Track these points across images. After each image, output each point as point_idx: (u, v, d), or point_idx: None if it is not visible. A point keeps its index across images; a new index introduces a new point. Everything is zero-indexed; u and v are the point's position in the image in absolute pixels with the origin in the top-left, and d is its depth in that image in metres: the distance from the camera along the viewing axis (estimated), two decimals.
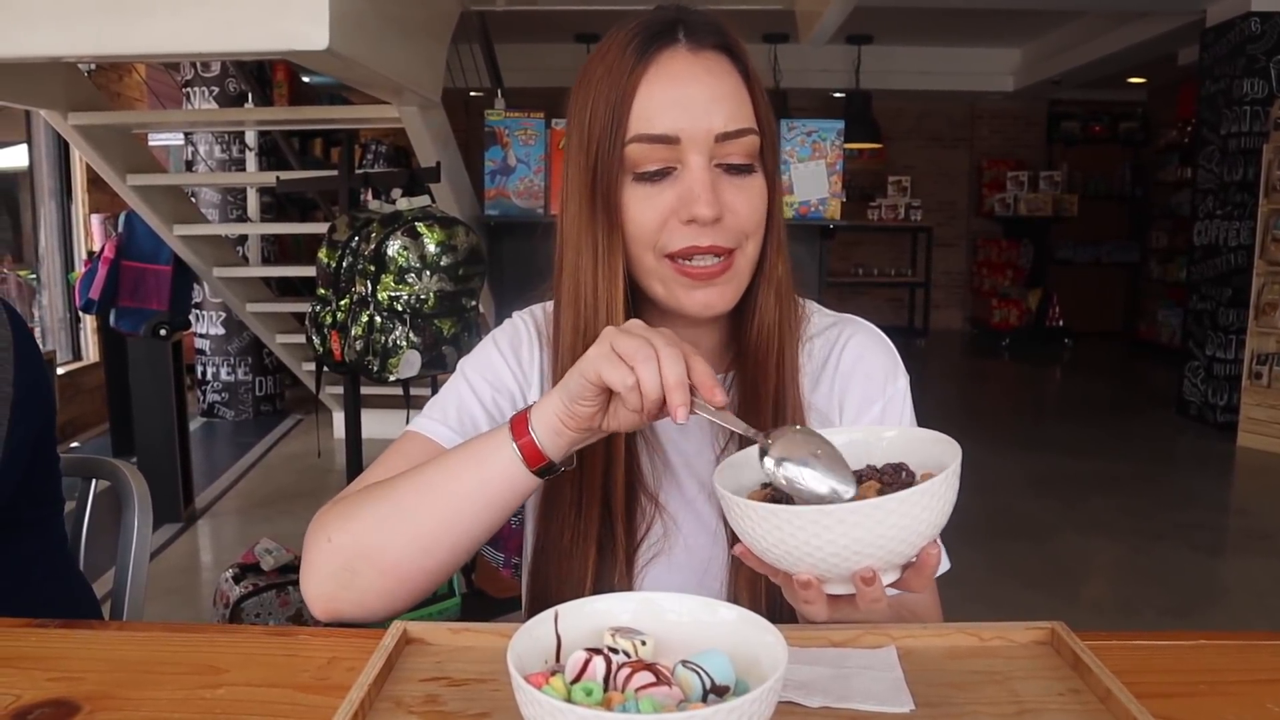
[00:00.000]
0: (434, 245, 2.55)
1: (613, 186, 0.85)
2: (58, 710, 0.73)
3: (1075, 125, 10.15)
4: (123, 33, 2.34)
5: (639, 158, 0.84)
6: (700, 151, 0.84)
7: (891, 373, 0.98)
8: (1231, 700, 0.74)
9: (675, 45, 0.85)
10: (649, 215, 0.85)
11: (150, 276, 4.50)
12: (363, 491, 0.86)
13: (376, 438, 3.94)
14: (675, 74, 0.84)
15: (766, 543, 0.69)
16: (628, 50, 0.85)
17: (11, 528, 1.19)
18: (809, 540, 0.67)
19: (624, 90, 0.84)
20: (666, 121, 0.83)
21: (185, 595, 3.31)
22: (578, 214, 0.88)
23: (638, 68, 0.84)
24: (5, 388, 1.13)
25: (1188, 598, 3.38)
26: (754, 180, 0.87)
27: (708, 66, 0.85)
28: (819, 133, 3.55)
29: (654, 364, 0.72)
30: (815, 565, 0.69)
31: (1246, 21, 5.47)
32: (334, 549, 0.84)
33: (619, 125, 0.84)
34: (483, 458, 0.81)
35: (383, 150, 7.86)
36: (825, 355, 0.99)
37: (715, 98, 0.84)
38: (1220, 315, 5.74)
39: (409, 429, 0.96)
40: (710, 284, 0.87)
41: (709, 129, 0.84)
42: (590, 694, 0.61)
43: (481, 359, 0.99)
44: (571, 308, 0.90)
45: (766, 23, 7.46)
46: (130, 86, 6.33)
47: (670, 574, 0.95)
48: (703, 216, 0.83)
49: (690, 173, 0.84)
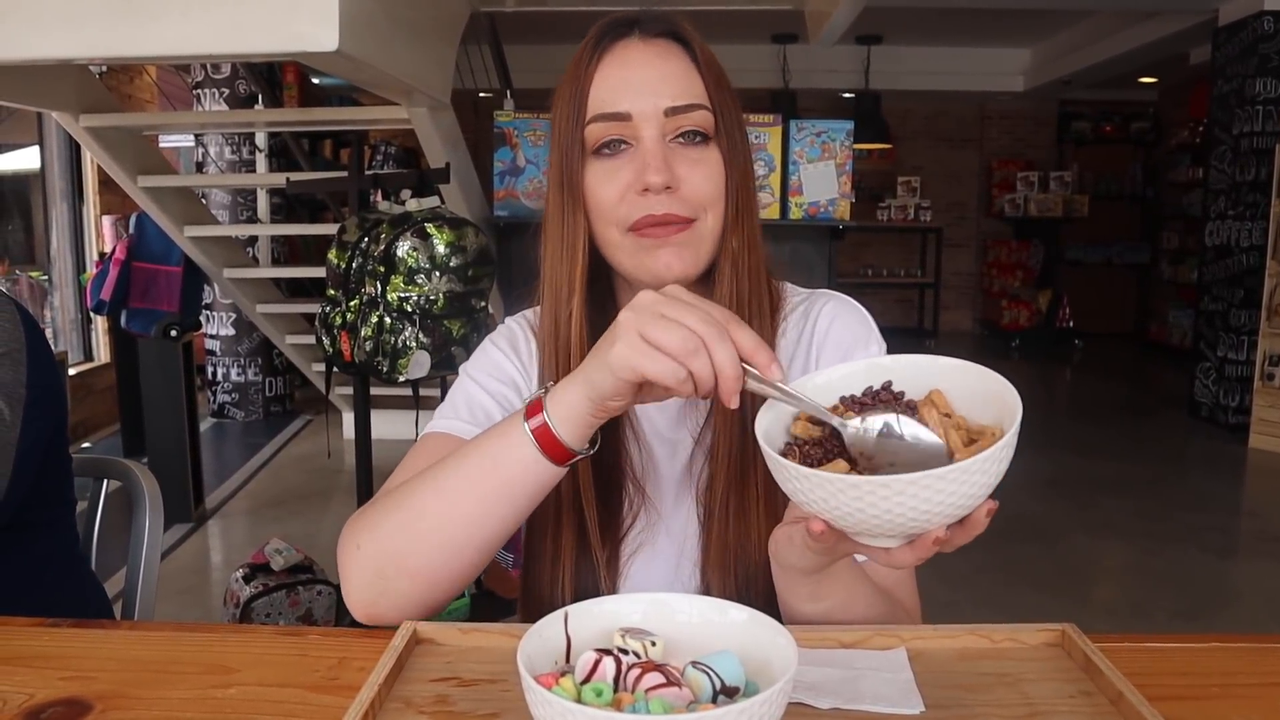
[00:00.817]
0: (443, 246, 2.55)
1: (575, 169, 0.90)
2: (70, 709, 0.73)
3: (1086, 125, 10.11)
4: (133, 35, 2.35)
5: (596, 136, 0.89)
6: (651, 125, 0.89)
7: (863, 339, 0.98)
8: (1243, 703, 0.74)
9: (628, 37, 0.91)
10: (608, 189, 0.89)
11: (161, 278, 4.52)
12: (387, 497, 0.86)
13: (386, 438, 3.96)
14: (627, 59, 0.90)
15: (844, 511, 0.65)
16: (586, 48, 0.92)
17: (24, 528, 1.20)
18: (902, 507, 0.63)
19: (583, 81, 0.90)
20: (619, 101, 0.89)
21: (196, 595, 3.32)
22: (550, 206, 0.93)
23: (594, 59, 0.90)
24: (19, 389, 1.14)
25: (1199, 600, 3.37)
26: (709, 153, 0.91)
27: (657, 51, 0.91)
28: (828, 133, 3.54)
29: (704, 354, 0.69)
30: (923, 524, 0.65)
31: (1259, 21, 5.44)
32: (364, 557, 0.84)
33: (579, 111, 0.90)
34: (501, 458, 0.80)
35: (392, 151, 7.88)
36: (799, 330, 0.99)
37: (663, 77, 0.89)
38: (1232, 316, 5.71)
39: (428, 431, 0.97)
40: (669, 243, 0.89)
41: (657, 105, 0.89)
42: (600, 695, 0.61)
43: (482, 358, 1.02)
44: (550, 292, 0.93)
45: (775, 23, 7.45)
46: (141, 88, 6.36)
47: (654, 560, 0.96)
48: (654, 184, 0.87)
49: (643, 145, 0.89)
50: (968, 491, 0.64)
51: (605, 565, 0.94)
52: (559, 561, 0.93)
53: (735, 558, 0.92)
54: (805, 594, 0.84)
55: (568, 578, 0.93)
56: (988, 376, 0.72)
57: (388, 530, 0.84)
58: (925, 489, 0.63)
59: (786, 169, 3.56)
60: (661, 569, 0.96)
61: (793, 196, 3.57)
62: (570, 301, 0.91)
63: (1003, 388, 0.70)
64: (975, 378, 0.73)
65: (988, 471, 0.64)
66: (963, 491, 0.64)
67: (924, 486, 0.63)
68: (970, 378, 0.73)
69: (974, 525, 0.68)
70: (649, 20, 0.92)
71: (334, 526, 3.99)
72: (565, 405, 0.76)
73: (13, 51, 2.40)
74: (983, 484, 0.64)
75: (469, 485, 0.81)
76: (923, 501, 0.63)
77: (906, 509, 0.64)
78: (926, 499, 0.63)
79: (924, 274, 10.04)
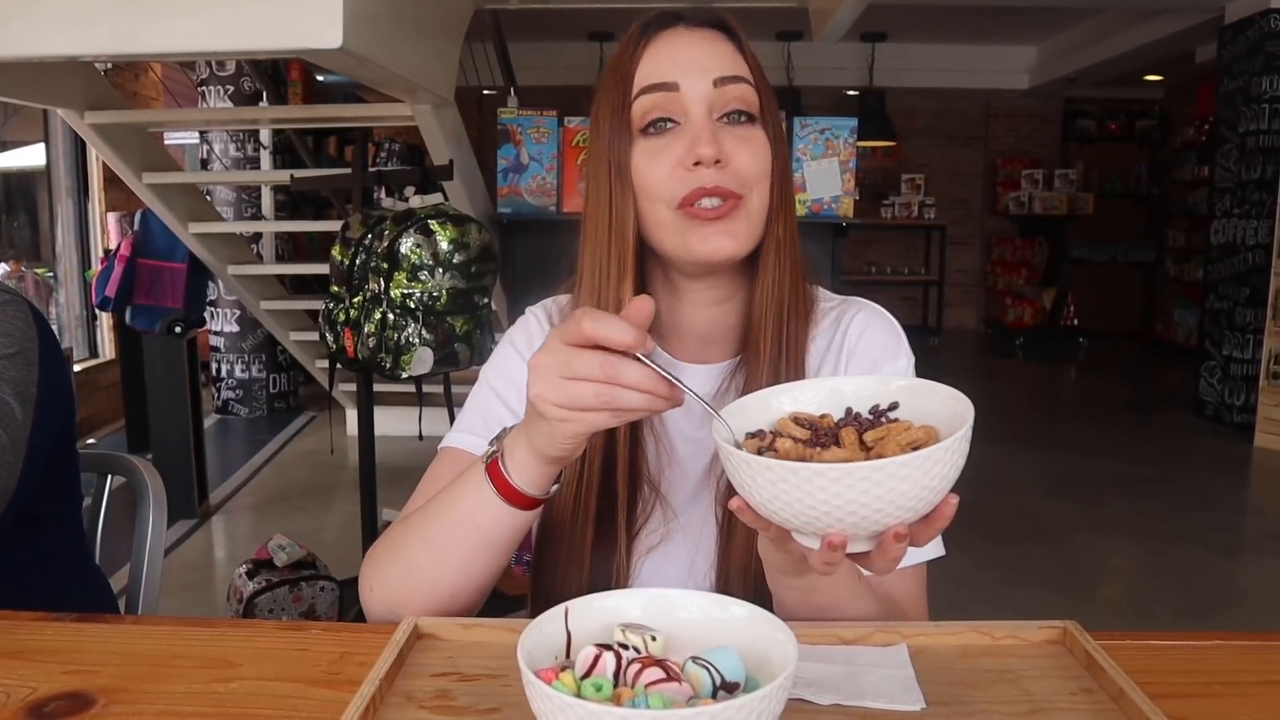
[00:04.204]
0: (447, 243, 2.55)
1: (624, 150, 0.90)
2: (73, 703, 0.73)
3: (1091, 123, 10.08)
4: (139, 32, 2.35)
5: (644, 111, 0.89)
6: (700, 100, 0.89)
7: (893, 350, 0.98)
8: (1246, 701, 0.73)
9: (675, 26, 0.92)
10: (657, 168, 0.89)
11: (166, 274, 4.52)
12: (389, 540, 0.91)
13: (390, 435, 3.97)
14: (673, 40, 0.91)
15: (799, 505, 0.64)
16: (631, 39, 0.92)
17: (31, 523, 1.20)
18: (855, 498, 0.63)
19: (629, 65, 0.91)
20: (665, 71, 0.89)
21: (199, 590, 3.33)
22: (596, 193, 0.92)
23: (641, 43, 0.91)
24: (30, 388, 1.14)
25: (1204, 599, 3.36)
26: (754, 132, 0.91)
27: (704, 35, 0.92)
28: (832, 130, 3.53)
29: (617, 390, 0.70)
30: (847, 524, 0.64)
31: (1265, 18, 5.42)
32: (376, 598, 0.90)
33: (625, 92, 0.90)
34: (475, 513, 0.83)
35: (396, 148, 7.88)
36: (830, 336, 0.99)
37: (711, 54, 0.91)
38: (1237, 315, 5.69)
39: (443, 446, 0.99)
40: (718, 223, 0.88)
41: (705, 76, 0.89)
42: (600, 689, 0.61)
43: (499, 363, 1.02)
44: (590, 276, 0.93)
45: (780, 21, 7.44)
46: (146, 86, 6.37)
47: (667, 560, 0.96)
48: (705, 156, 0.86)
49: (692, 121, 0.89)
50: (880, 493, 0.63)
51: (617, 563, 0.94)
52: (571, 559, 0.93)
53: (751, 561, 0.91)
54: (794, 599, 0.83)
55: (580, 575, 0.93)
56: (939, 391, 0.72)
57: (391, 580, 0.89)
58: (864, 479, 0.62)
59: (790, 166, 3.55)
60: (675, 569, 0.95)
61: (796, 194, 3.56)
62: (621, 286, 0.91)
63: (956, 399, 0.70)
64: (927, 393, 0.72)
65: (902, 477, 0.63)
66: (876, 493, 0.63)
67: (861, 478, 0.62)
68: (922, 395, 0.72)
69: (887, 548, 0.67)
70: (694, 13, 0.93)
71: (337, 523, 4.02)
72: (523, 467, 0.80)
73: (19, 49, 2.40)
74: (898, 490, 0.63)
75: (452, 540, 0.85)
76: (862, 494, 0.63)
77: (828, 502, 0.63)
78: (837, 493, 0.63)
79: (928, 272, 10.03)
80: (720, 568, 0.94)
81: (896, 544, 0.66)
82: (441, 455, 0.98)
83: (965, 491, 0.68)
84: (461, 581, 0.86)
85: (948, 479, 0.65)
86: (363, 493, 2.88)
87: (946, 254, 9.85)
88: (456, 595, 0.87)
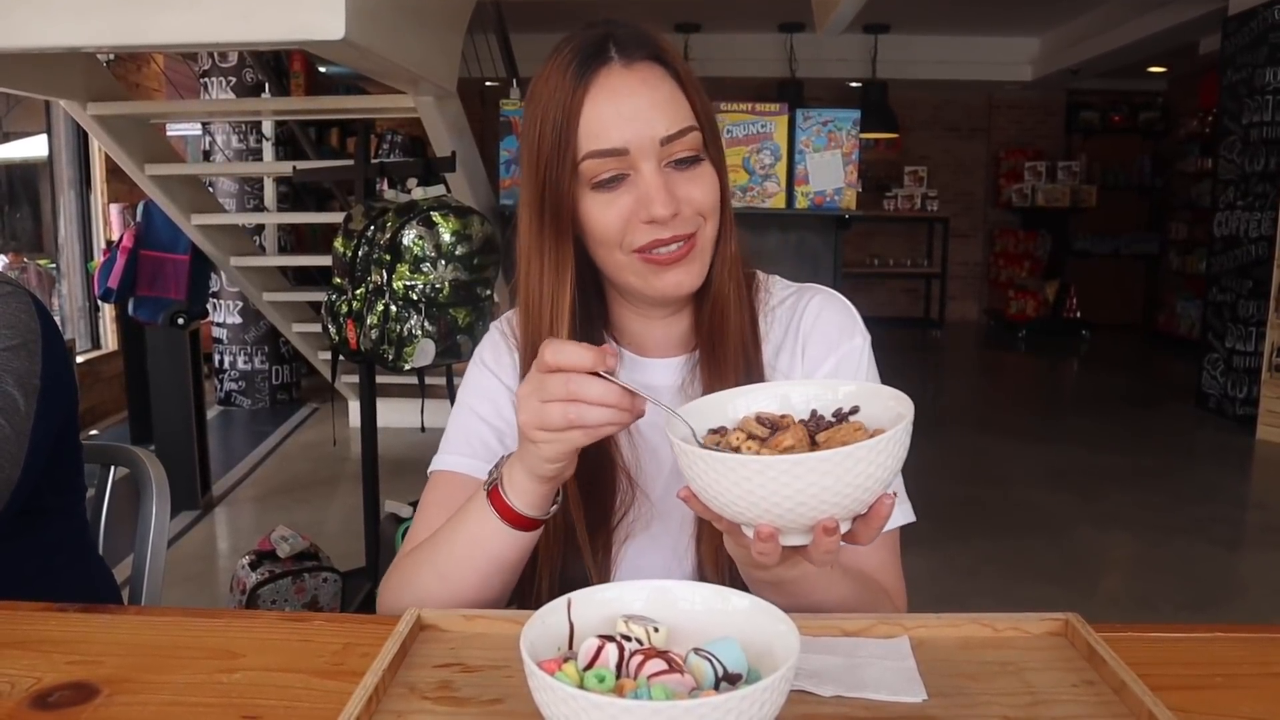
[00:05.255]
0: (449, 235, 2.55)
1: (564, 201, 0.90)
2: (77, 693, 0.74)
3: (1094, 115, 10.06)
4: (141, 23, 2.35)
5: (593, 171, 0.90)
6: (649, 157, 0.89)
7: (848, 330, 1.01)
8: (1246, 693, 0.74)
9: (610, 63, 0.90)
10: (610, 218, 0.90)
11: (168, 266, 4.53)
12: (402, 573, 0.93)
13: (392, 426, 3.97)
14: (614, 90, 0.89)
15: (731, 495, 0.67)
16: (567, 73, 0.90)
17: (35, 514, 1.20)
18: (776, 490, 0.65)
19: (569, 111, 0.89)
20: (614, 136, 0.88)
21: (202, 581, 3.33)
22: (528, 227, 0.94)
23: (579, 89, 0.89)
24: (33, 379, 1.15)
25: (1205, 592, 3.36)
26: (703, 169, 0.93)
27: (642, 78, 0.90)
28: (835, 122, 3.52)
29: (581, 407, 0.75)
30: (777, 516, 0.67)
31: (1269, 10, 5.40)
32: None
33: (567, 144, 0.89)
34: (484, 540, 0.87)
35: (398, 140, 7.88)
36: (787, 322, 1.02)
37: (654, 105, 0.89)
38: (1240, 307, 5.68)
39: (432, 470, 1.02)
40: (678, 265, 0.92)
41: (653, 136, 0.89)
42: (603, 681, 0.61)
43: (473, 381, 1.05)
44: (523, 314, 0.96)
45: (783, 12, 7.42)
46: (148, 77, 6.36)
47: (646, 552, 0.98)
48: (660, 216, 0.89)
49: (643, 178, 0.89)
50: (801, 487, 0.65)
51: (596, 555, 0.96)
52: (549, 550, 0.96)
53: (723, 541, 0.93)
54: (766, 592, 0.83)
55: (559, 566, 0.96)
56: (883, 392, 0.75)
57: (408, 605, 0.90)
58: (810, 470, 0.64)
59: (793, 158, 3.54)
60: (654, 559, 0.98)
61: (799, 186, 3.56)
62: (553, 330, 0.93)
63: (898, 399, 0.73)
64: (872, 396, 0.76)
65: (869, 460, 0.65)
66: (798, 487, 0.65)
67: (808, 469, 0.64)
68: (868, 397, 0.76)
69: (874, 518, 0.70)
70: (624, 40, 0.91)
71: (339, 514, 4.03)
72: (521, 490, 0.84)
73: (21, 40, 2.40)
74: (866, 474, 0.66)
75: (462, 567, 0.88)
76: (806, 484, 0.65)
77: (793, 491, 0.65)
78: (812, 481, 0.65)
79: (930, 264, 10.01)
80: (695, 554, 0.97)
81: (827, 537, 0.68)
82: (433, 481, 1.01)
83: (967, 484, 0.68)
84: (478, 599, 0.89)
85: (874, 477, 0.66)
86: (365, 484, 2.89)
87: (949, 246, 9.83)
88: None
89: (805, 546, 0.70)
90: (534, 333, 0.95)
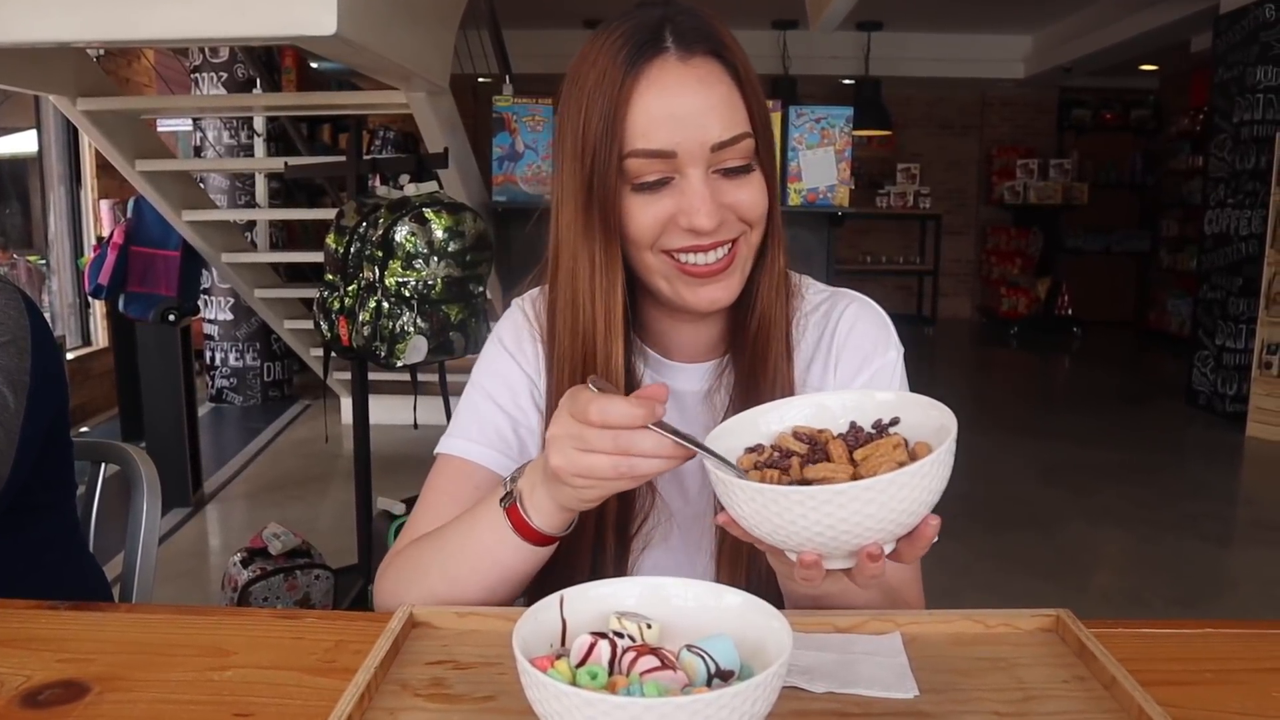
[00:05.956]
0: (442, 231, 2.55)
1: (610, 197, 0.85)
2: (68, 691, 0.73)
3: (1086, 113, 10.08)
4: (131, 18, 2.34)
5: (637, 170, 0.84)
6: (697, 164, 0.84)
7: (882, 343, 0.99)
8: (1237, 688, 0.74)
9: (665, 54, 0.84)
10: (648, 220, 0.86)
11: (159, 262, 4.51)
12: (406, 567, 0.90)
13: (384, 423, 3.96)
14: (667, 86, 0.83)
15: (773, 524, 0.67)
16: (618, 59, 0.83)
17: (25, 511, 1.20)
18: (819, 520, 0.65)
19: (617, 102, 0.83)
20: (662, 136, 0.83)
21: (194, 579, 3.33)
22: (573, 219, 0.88)
23: (628, 80, 0.83)
24: (23, 376, 1.14)
25: (1195, 588, 3.38)
26: (753, 177, 0.87)
27: (699, 75, 0.84)
28: (828, 119, 3.53)
29: (633, 460, 0.72)
30: (821, 544, 0.67)
31: (1260, 8, 5.41)
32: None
33: (614, 138, 0.83)
34: (498, 552, 0.84)
35: (391, 136, 7.85)
36: (820, 332, 0.99)
37: (708, 108, 0.83)
38: (1230, 304, 5.70)
39: (439, 452, 0.98)
40: (715, 281, 0.88)
41: (704, 141, 0.83)
42: (595, 677, 0.61)
43: (489, 362, 1.00)
44: (569, 312, 0.90)
45: (776, 9, 7.42)
46: (139, 72, 6.33)
47: (662, 564, 0.96)
48: (703, 227, 0.84)
49: (689, 184, 0.84)
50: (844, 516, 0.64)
51: (614, 560, 0.94)
52: (571, 557, 0.93)
53: (749, 558, 0.92)
54: (806, 604, 0.84)
55: (579, 573, 0.92)
56: (923, 402, 0.73)
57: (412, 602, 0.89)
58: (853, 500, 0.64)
59: (786, 155, 3.54)
60: (672, 566, 0.95)
61: (792, 183, 3.56)
62: (609, 343, 0.88)
63: (940, 412, 0.72)
64: (912, 405, 0.74)
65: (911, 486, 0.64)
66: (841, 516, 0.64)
67: (850, 499, 0.63)
68: (908, 407, 0.74)
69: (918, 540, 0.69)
70: (682, 29, 0.84)
71: (332, 511, 4.02)
72: (546, 513, 0.81)
73: (10, 34, 2.39)
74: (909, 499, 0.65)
75: (474, 575, 0.85)
76: (850, 514, 0.64)
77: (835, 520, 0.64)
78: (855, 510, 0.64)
79: (923, 261, 10.02)
80: (718, 564, 0.95)
81: (871, 564, 0.67)
82: (440, 464, 0.97)
83: (959, 480, 0.68)
84: (482, 602, 0.87)
85: (919, 500, 0.65)
86: (357, 481, 2.88)
87: (941, 243, 9.84)
88: None
89: (849, 570, 0.70)
90: (585, 337, 0.89)
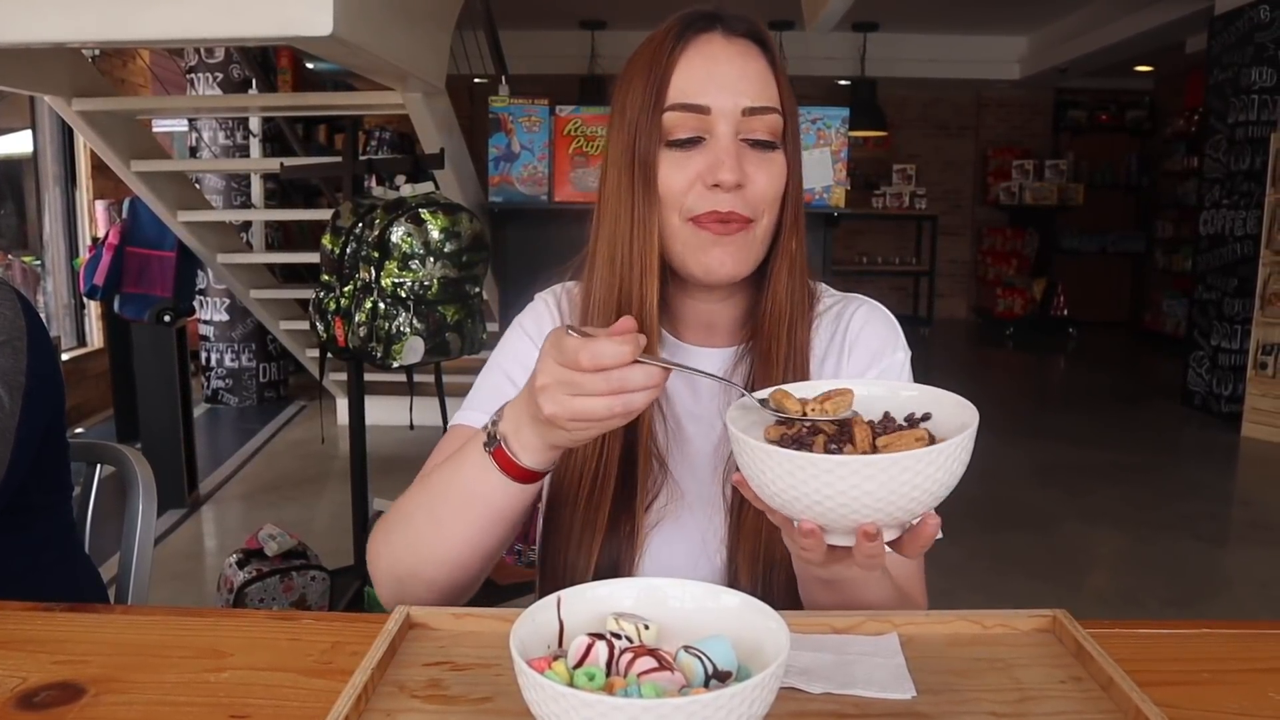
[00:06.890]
0: (438, 232, 2.55)
1: (651, 152, 0.91)
2: (63, 692, 0.73)
3: (1082, 114, 10.10)
4: (127, 19, 2.34)
5: (673, 125, 0.91)
6: (728, 122, 0.91)
7: (891, 344, 1.02)
8: (1233, 689, 0.74)
9: (712, 31, 0.93)
10: (678, 178, 0.91)
11: (155, 263, 4.50)
12: (396, 513, 0.92)
13: (380, 424, 3.96)
14: (710, 54, 0.92)
15: (776, 487, 0.67)
16: (669, 35, 0.93)
17: (21, 512, 1.20)
18: (819, 489, 0.65)
19: (664, 67, 0.91)
20: (700, 92, 0.91)
21: (190, 580, 3.32)
22: (617, 184, 0.94)
23: (676, 48, 0.92)
24: (19, 377, 1.14)
25: (1191, 588, 3.38)
26: (775, 157, 0.94)
27: (740, 50, 0.93)
28: (824, 120, 3.53)
29: (627, 396, 0.73)
30: (820, 514, 0.67)
31: (1255, 10, 5.43)
32: (383, 568, 0.92)
33: (658, 97, 0.91)
34: (483, 491, 0.84)
35: (387, 137, 7.84)
36: (832, 330, 1.03)
37: (744, 75, 0.92)
38: (1226, 305, 5.72)
39: (454, 423, 1.01)
40: (723, 241, 0.92)
41: (736, 103, 0.91)
42: (593, 679, 0.61)
43: (510, 345, 1.04)
44: (608, 266, 0.95)
45: (772, 9, 7.41)
46: (134, 72, 6.32)
47: (673, 542, 0.96)
48: (726, 181, 0.89)
49: (718, 142, 0.91)
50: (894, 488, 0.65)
51: (625, 540, 0.95)
52: (582, 537, 0.95)
53: (761, 539, 0.93)
54: (819, 589, 0.85)
55: (591, 552, 0.94)
56: (945, 399, 0.74)
57: (399, 549, 0.90)
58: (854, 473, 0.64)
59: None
60: (684, 546, 0.97)
61: None
62: (644, 282, 0.92)
63: (963, 407, 0.72)
64: (933, 401, 0.74)
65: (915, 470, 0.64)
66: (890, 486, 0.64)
67: (852, 471, 0.64)
68: (930, 402, 0.75)
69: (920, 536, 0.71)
70: (731, 19, 0.94)
71: (328, 512, 4.01)
72: (534, 451, 0.81)
73: (6, 34, 2.38)
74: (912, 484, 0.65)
75: (460, 518, 0.86)
76: (851, 487, 0.65)
77: (834, 491, 0.65)
78: (855, 484, 0.64)
79: (919, 262, 10.03)
80: (730, 544, 0.96)
81: (867, 543, 0.68)
82: (452, 432, 1.00)
83: None
84: (469, 553, 0.87)
85: (921, 488, 0.65)
86: (354, 482, 2.88)
87: (937, 244, 9.85)
88: (465, 566, 0.88)
89: (850, 549, 0.71)
90: (623, 289, 0.93)
